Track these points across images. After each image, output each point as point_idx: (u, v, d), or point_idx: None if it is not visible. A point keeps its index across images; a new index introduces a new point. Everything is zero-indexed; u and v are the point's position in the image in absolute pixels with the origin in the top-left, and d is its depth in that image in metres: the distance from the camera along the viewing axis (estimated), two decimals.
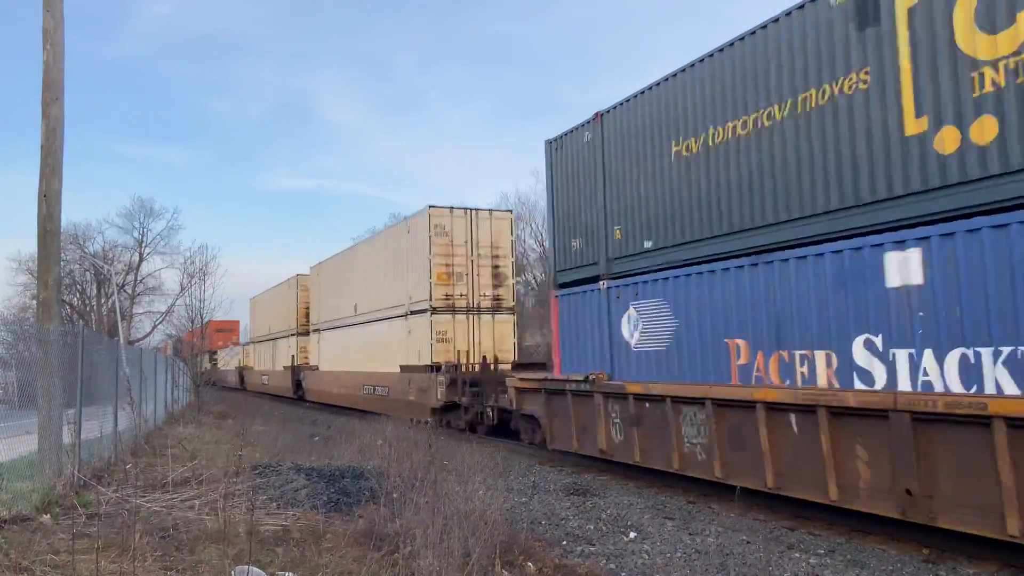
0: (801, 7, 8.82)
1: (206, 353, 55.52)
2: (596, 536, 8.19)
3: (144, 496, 8.62)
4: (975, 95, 7.00)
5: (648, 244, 11.34)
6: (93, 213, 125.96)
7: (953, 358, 6.99)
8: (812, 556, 7.31)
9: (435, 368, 18.68)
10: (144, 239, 58.18)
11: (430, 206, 19.80)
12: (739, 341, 9.43)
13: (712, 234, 10.06)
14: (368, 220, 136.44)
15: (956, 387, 6.95)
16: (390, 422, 14.04)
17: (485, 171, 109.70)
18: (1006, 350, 6.58)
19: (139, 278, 58.24)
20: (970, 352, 6.85)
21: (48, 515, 7.71)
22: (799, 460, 8.35)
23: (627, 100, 11.88)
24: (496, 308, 20.19)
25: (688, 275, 10.30)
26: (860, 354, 7.86)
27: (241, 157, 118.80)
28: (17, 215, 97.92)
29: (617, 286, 11.81)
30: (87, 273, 57.05)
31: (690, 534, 8.18)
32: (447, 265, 19.61)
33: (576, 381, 12.22)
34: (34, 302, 18.27)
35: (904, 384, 7.38)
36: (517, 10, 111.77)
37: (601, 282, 12.17)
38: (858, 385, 7.82)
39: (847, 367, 7.97)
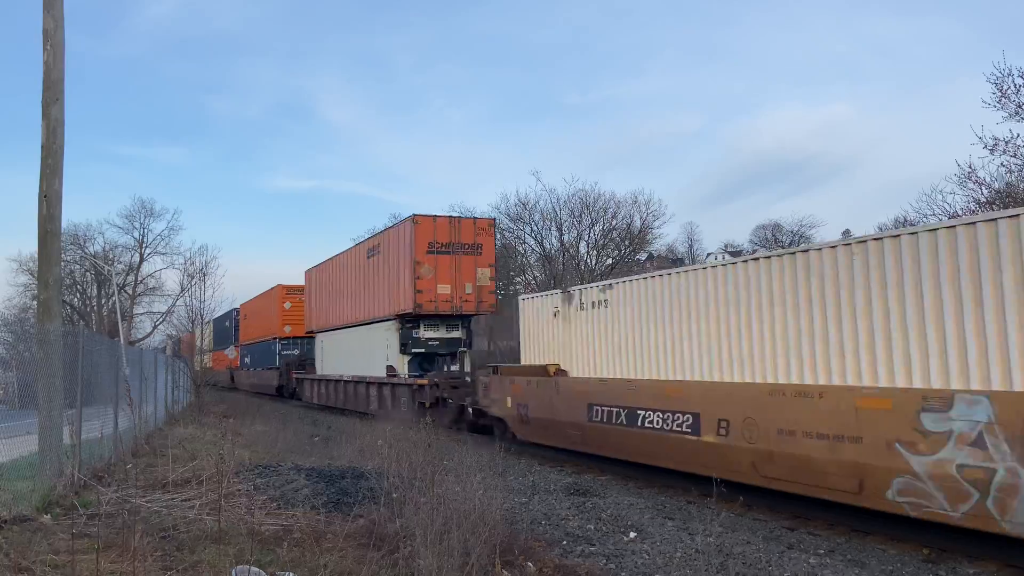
0: None
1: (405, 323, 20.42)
2: (596, 536, 8.18)
3: (144, 496, 8.62)
4: None
5: None
6: (93, 213, 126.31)
7: None
8: (812, 556, 7.31)
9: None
10: (144, 240, 58.22)
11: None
12: None
13: None
14: (368, 220, 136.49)
15: None
16: (391, 423, 14.07)
17: (485, 171, 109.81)
18: None
19: (139, 278, 58.31)
20: None
21: (48, 515, 7.71)
22: None
23: None
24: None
25: None
26: None
27: (241, 157, 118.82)
28: (17, 215, 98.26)
29: None
30: (88, 274, 57.13)
31: (690, 534, 8.17)
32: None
33: None
34: (34, 302, 18.28)
35: None
36: (516, 10, 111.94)
37: None
38: None
39: None
